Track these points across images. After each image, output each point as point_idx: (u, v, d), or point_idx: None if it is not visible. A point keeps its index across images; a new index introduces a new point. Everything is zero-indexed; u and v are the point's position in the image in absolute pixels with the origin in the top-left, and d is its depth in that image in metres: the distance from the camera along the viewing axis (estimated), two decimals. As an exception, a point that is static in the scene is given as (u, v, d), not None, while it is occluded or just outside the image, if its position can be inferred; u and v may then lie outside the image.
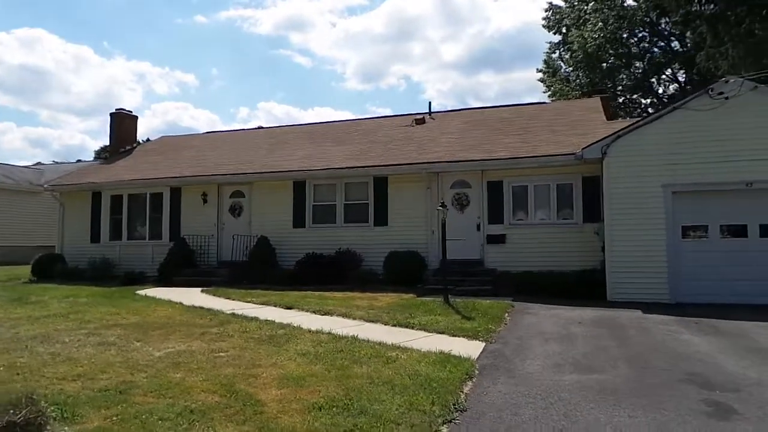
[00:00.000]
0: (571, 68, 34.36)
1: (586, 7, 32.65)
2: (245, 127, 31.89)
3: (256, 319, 8.68)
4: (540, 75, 36.16)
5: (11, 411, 3.73)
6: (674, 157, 11.12)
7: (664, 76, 33.69)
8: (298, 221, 14.98)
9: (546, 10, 34.94)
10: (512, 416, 4.44)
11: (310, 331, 7.74)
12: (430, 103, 16.83)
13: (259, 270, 14.02)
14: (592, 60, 29.43)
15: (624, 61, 30.35)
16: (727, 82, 11.02)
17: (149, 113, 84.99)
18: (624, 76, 30.78)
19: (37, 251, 18.18)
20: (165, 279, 14.47)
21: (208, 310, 9.66)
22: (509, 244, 13.15)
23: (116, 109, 20.70)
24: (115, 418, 4.30)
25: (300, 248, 14.36)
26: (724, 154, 10.82)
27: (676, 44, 31.60)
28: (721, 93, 10.83)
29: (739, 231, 11.01)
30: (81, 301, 11.07)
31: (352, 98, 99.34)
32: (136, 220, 16.89)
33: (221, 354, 6.45)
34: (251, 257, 14.40)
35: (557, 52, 35.29)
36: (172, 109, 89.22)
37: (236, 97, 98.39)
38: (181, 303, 10.44)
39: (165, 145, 20.82)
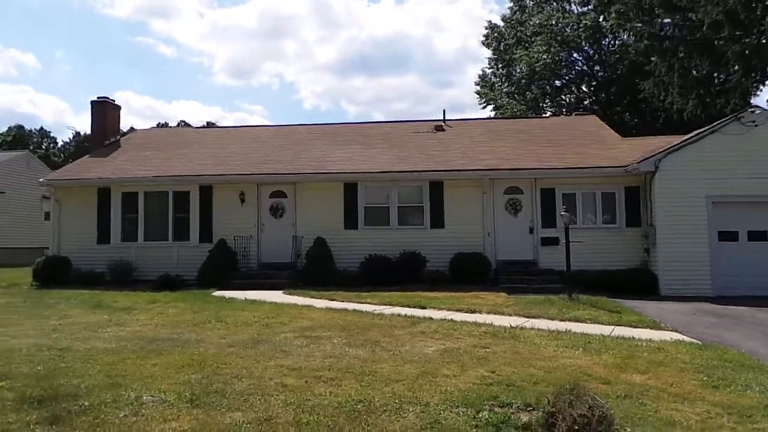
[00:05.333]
0: (502, 83, 37.54)
1: (524, 30, 35.86)
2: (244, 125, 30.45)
3: (430, 318, 8.93)
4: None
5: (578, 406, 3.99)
6: (713, 173, 13.18)
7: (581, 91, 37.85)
8: (350, 223, 15.00)
9: (486, 28, 38.01)
10: None
11: (512, 326, 8.25)
12: (444, 111, 18.36)
13: (318, 271, 13.87)
14: (537, 78, 32.34)
15: (564, 81, 33.79)
16: (753, 112, 13.34)
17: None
18: (565, 96, 34.25)
19: (16, 254, 15.97)
20: (213, 282, 13.62)
21: (356, 311, 9.66)
22: (562, 245, 14.45)
23: (98, 97, 18.77)
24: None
25: (354, 250, 14.43)
26: (753, 171, 13.10)
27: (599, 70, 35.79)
28: (752, 121, 13.10)
29: (762, 236, 13.36)
30: (181, 306, 10.33)
31: (221, 93, 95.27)
32: (156, 220, 15.62)
33: (490, 350, 6.78)
34: (308, 259, 14.16)
35: (495, 67, 38.23)
36: (8, 92, 79.21)
37: (88, 84, 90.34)
38: (310, 306, 10.22)
39: (154, 139, 19.30)
